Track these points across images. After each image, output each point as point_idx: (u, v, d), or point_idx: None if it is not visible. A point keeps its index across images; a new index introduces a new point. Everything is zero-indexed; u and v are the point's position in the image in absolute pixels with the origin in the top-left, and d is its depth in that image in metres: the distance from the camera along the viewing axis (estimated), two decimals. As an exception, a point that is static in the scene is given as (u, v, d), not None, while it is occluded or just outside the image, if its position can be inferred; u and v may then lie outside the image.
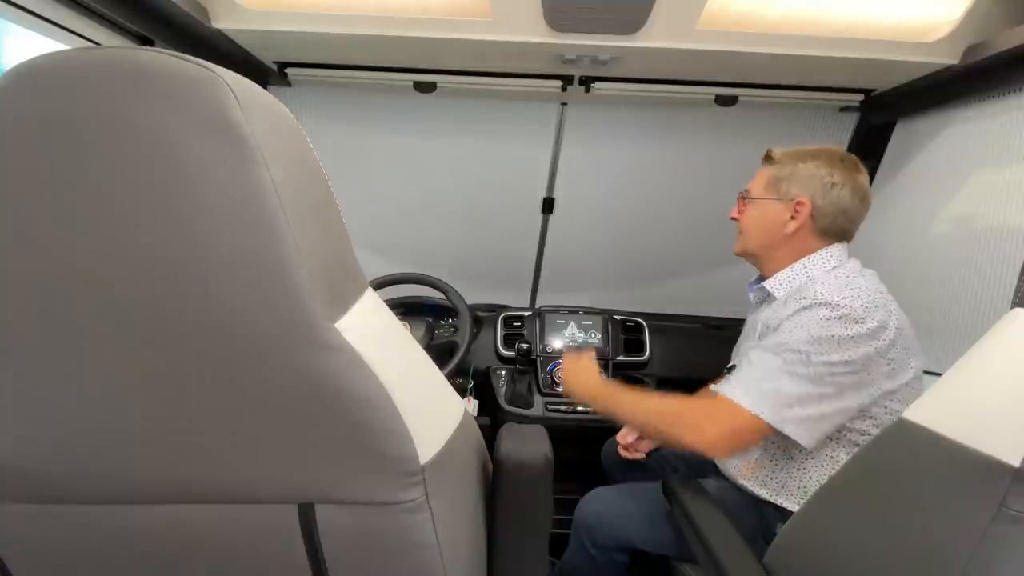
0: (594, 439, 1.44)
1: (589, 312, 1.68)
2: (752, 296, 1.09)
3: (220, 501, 0.47)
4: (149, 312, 0.38)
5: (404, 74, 1.36)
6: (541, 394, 1.56)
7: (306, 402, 0.42)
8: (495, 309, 1.73)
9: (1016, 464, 0.48)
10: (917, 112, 1.36)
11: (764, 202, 1.01)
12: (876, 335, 0.84)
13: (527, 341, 1.57)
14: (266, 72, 1.37)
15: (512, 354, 1.57)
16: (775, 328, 0.93)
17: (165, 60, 0.35)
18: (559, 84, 1.34)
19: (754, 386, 0.88)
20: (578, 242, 1.78)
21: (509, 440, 0.65)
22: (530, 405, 1.54)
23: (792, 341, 0.87)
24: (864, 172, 0.98)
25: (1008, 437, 0.49)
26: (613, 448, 1.35)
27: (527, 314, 1.67)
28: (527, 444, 0.65)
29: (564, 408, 1.54)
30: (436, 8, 1.09)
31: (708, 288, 1.85)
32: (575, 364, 1.12)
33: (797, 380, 0.85)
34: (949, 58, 1.12)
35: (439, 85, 1.38)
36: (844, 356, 0.83)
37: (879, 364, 0.85)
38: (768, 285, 1.01)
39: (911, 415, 0.59)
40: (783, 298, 0.97)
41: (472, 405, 1.59)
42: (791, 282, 0.99)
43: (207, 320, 0.38)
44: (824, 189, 0.95)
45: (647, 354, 1.63)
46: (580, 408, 1.53)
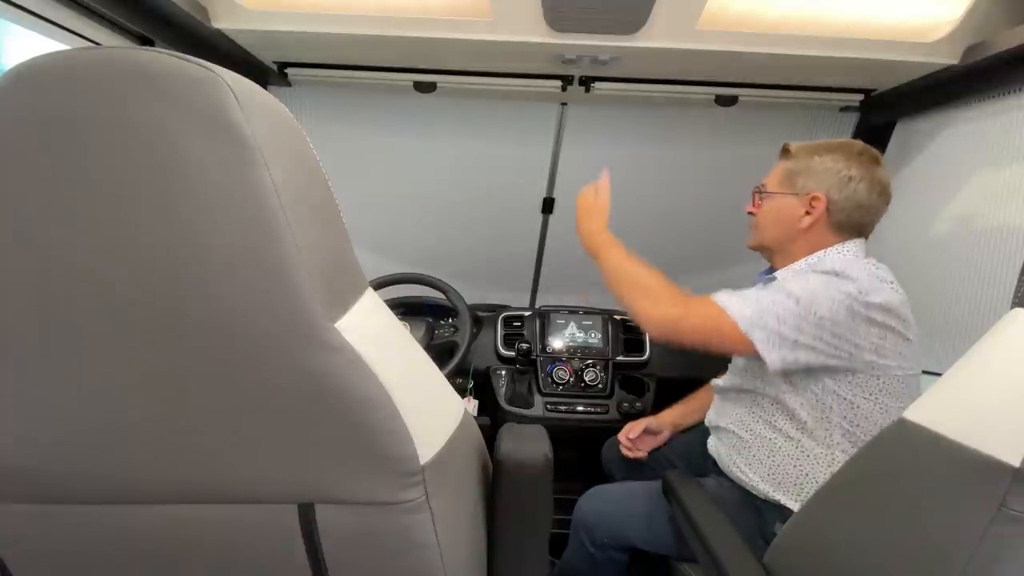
0: (594, 439, 1.44)
1: (589, 312, 1.68)
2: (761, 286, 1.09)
3: (220, 501, 0.47)
4: (149, 312, 0.38)
5: (404, 74, 1.36)
6: (541, 394, 1.56)
7: (306, 402, 0.42)
8: (495, 309, 1.73)
9: (1016, 464, 0.48)
10: (917, 112, 1.36)
11: (779, 197, 1.01)
12: (874, 307, 0.85)
13: (527, 341, 1.57)
14: (266, 72, 1.37)
15: (512, 354, 1.57)
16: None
17: (165, 60, 0.35)
18: (559, 84, 1.34)
19: (736, 296, 0.92)
20: (578, 242, 1.78)
21: (509, 440, 0.65)
22: (530, 405, 1.54)
23: (791, 287, 0.89)
24: (883, 166, 0.97)
25: (1008, 437, 0.49)
26: (613, 448, 1.36)
27: (527, 314, 1.67)
28: (527, 444, 0.65)
29: (564, 408, 1.54)
30: (436, 8, 1.09)
31: (709, 288, 1.82)
32: (590, 203, 1.11)
33: (783, 303, 0.87)
34: (949, 58, 1.12)
35: (439, 85, 1.38)
36: (836, 315, 0.84)
37: (868, 334, 0.85)
38: (779, 275, 1.00)
39: (911, 415, 0.59)
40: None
41: (472, 405, 1.59)
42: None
43: (207, 320, 0.38)
44: (840, 183, 0.95)
45: (647, 354, 1.63)
46: (580, 408, 1.54)
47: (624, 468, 1.31)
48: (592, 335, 1.64)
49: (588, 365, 1.58)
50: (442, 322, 1.63)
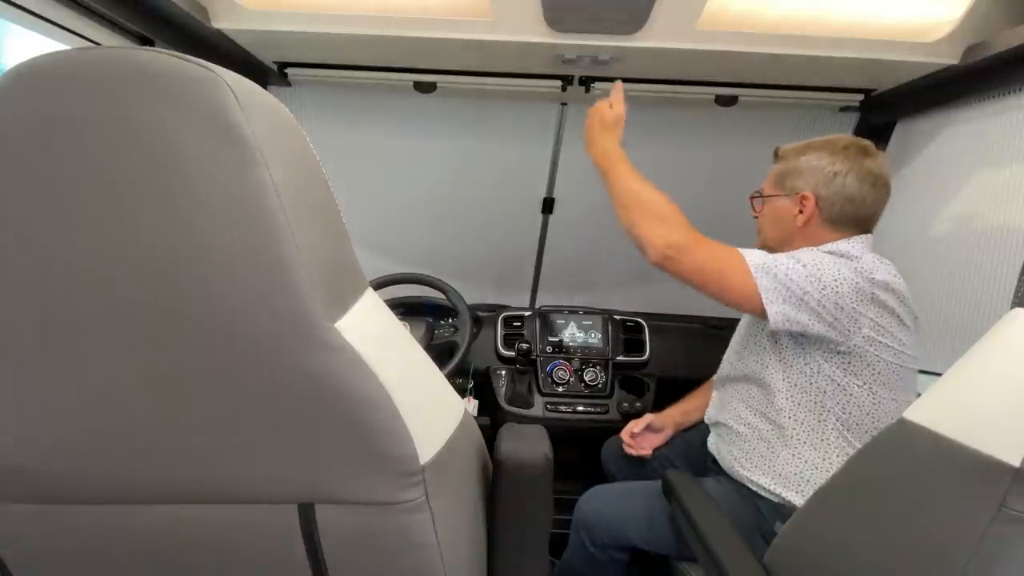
0: (594, 439, 1.44)
1: (589, 312, 1.68)
2: None
3: (220, 501, 0.47)
4: (149, 312, 0.38)
5: (404, 74, 1.36)
6: (541, 394, 1.56)
7: (306, 402, 0.42)
8: (495, 309, 1.73)
9: (1016, 464, 0.48)
10: (917, 112, 1.36)
11: (774, 199, 1.04)
12: (878, 284, 0.87)
13: (527, 341, 1.58)
14: (266, 72, 1.37)
15: (512, 354, 1.57)
16: None
17: (165, 60, 0.35)
18: (559, 84, 1.34)
19: (748, 249, 0.94)
20: (578, 242, 1.78)
21: (509, 440, 0.65)
22: (530, 405, 1.54)
23: (798, 255, 0.91)
24: (875, 156, 0.97)
25: (1008, 437, 0.49)
26: (613, 447, 1.36)
27: (527, 314, 1.67)
28: (527, 444, 0.65)
29: (564, 408, 1.54)
30: (436, 8, 1.09)
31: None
32: (605, 115, 1.08)
33: (791, 265, 0.89)
34: (949, 58, 1.12)
35: (439, 85, 1.38)
36: (841, 286, 0.86)
37: (868, 311, 0.87)
38: None
39: (911, 415, 0.59)
40: None
41: (472, 405, 1.59)
42: None
43: (207, 320, 0.38)
44: (826, 180, 0.96)
45: (647, 354, 1.63)
46: (580, 408, 1.54)
47: (624, 468, 1.31)
48: (592, 335, 1.64)
49: (588, 365, 1.58)
50: (442, 322, 1.63)
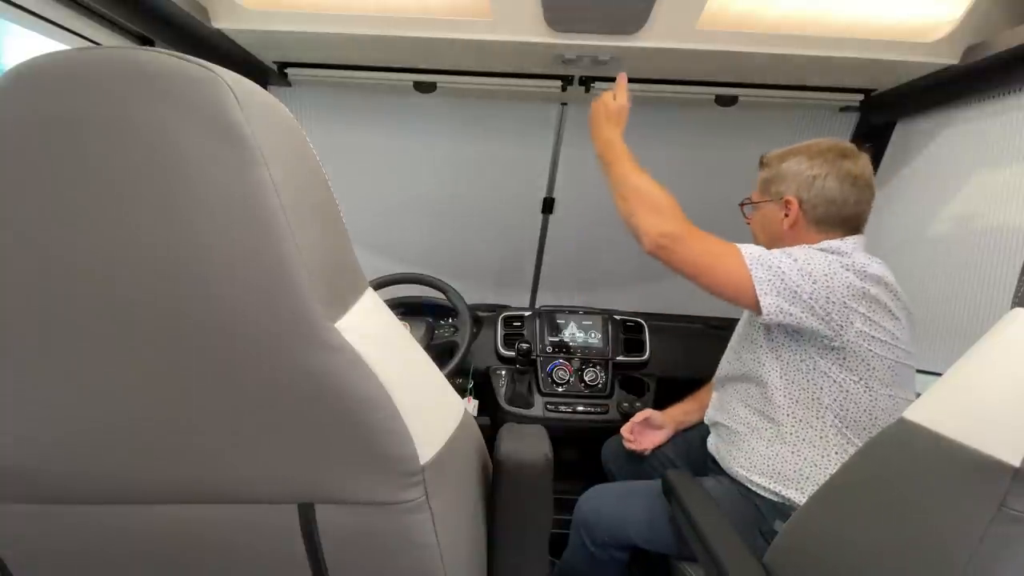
0: (594, 439, 1.44)
1: (589, 312, 1.68)
2: None
3: (220, 501, 0.47)
4: (149, 312, 0.38)
5: (404, 74, 1.36)
6: (541, 394, 1.56)
7: (306, 402, 0.42)
8: (495, 309, 1.73)
9: (1016, 464, 0.48)
10: (917, 112, 1.36)
11: (761, 205, 1.07)
12: (869, 277, 0.89)
13: (527, 341, 1.58)
14: (266, 72, 1.37)
15: (512, 354, 1.57)
16: None
17: (165, 60, 0.35)
18: (559, 84, 1.34)
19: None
20: (578, 242, 1.78)
21: (509, 440, 0.65)
22: (530, 405, 1.54)
23: (789, 250, 0.94)
24: (856, 157, 1.00)
25: (1008, 437, 0.49)
26: (613, 447, 1.36)
27: (527, 314, 1.67)
28: (527, 444, 0.65)
29: (564, 408, 1.54)
30: (436, 8, 1.09)
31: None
32: (609, 106, 1.10)
33: (783, 259, 0.91)
34: (949, 58, 1.12)
35: (439, 85, 1.38)
36: (831, 280, 0.88)
37: (859, 304, 0.88)
38: None
39: (911, 415, 0.59)
40: None
41: (472, 405, 1.59)
42: None
43: (207, 320, 0.38)
44: (807, 183, 1.00)
45: (647, 354, 1.63)
46: (580, 408, 1.54)
47: (624, 468, 1.31)
48: (592, 335, 1.64)
49: (588, 365, 1.58)
50: (442, 322, 1.63)
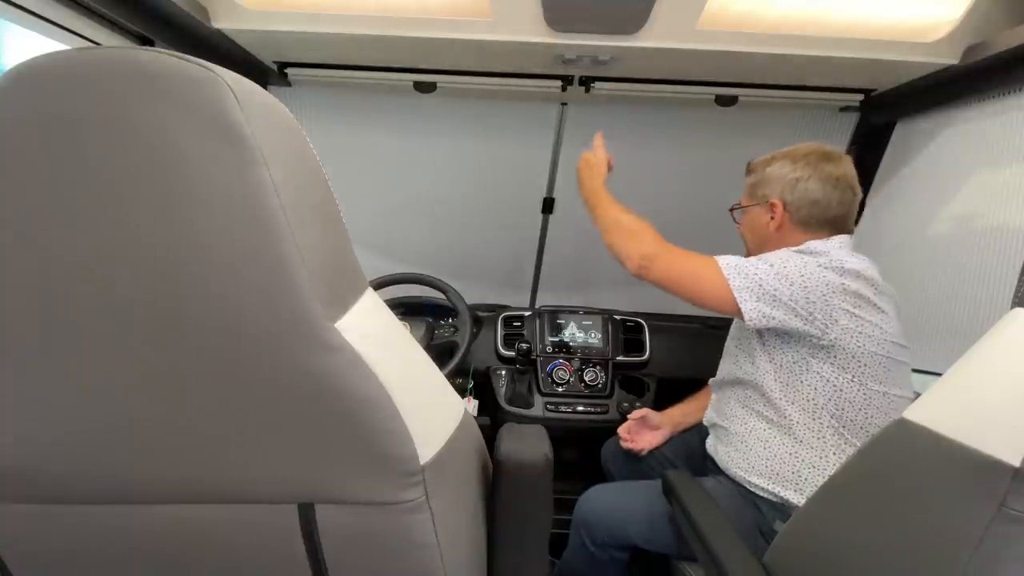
0: (594, 439, 1.44)
1: (589, 312, 1.68)
2: None
3: (220, 501, 0.47)
4: (149, 312, 0.38)
5: (404, 74, 1.36)
6: (541, 394, 1.56)
7: (306, 402, 0.42)
8: (495, 309, 1.73)
9: (1016, 464, 0.48)
10: (917, 112, 1.36)
11: (749, 209, 1.11)
12: (848, 273, 0.91)
13: (527, 341, 1.57)
14: (266, 72, 1.37)
15: (512, 354, 1.57)
16: None
17: (165, 60, 0.35)
18: (559, 84, 1.34)
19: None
20: (578, 242, 1.78)
21: (509, 440, 0.65)
22: (530, 405, 1.54)
23: (764, 256, 0.97)
24: (838, 160, 1.03)
25: (1008, 437, 0.49)
26: (613, 447, 1.36)
27: (527, 314, 1.67)
28: (527, 444, 0.65)
29: (564, 408, 1.54)
30: (436, 8, 1.09)
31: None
32: (591, 160, 1.20)
33: (759, 265, 0.95)
34: (949, 58, 1.12)
35: (439, 85, 1.38)
36: (809, 280, 0.90)
37: (842, 301, 0.90)
38: None
39: (911, 415, 0.59)
40: None
41: (472, 405, 1.59)
42: None
43: (207, 320, 0.38)
44: (790, 186, 1.03)
45: (647, 354, 1.63)
46: (580, 408, 1.54)
47: (624, 468, 1.31)
48: (592, 335, 1.64)
49: (588, 365, 1.58)
50: (442, 322, 1.63)
